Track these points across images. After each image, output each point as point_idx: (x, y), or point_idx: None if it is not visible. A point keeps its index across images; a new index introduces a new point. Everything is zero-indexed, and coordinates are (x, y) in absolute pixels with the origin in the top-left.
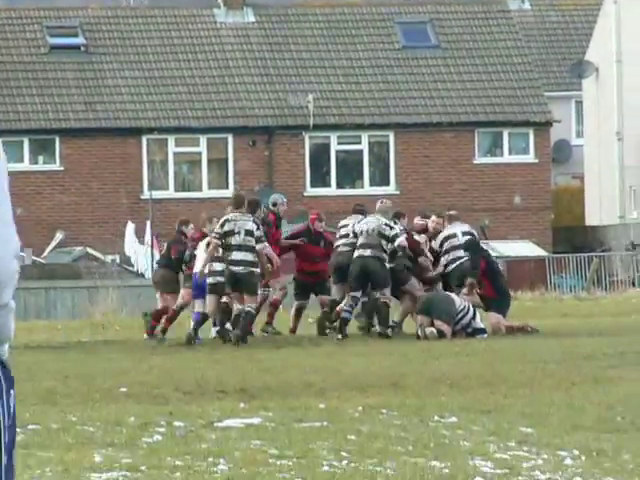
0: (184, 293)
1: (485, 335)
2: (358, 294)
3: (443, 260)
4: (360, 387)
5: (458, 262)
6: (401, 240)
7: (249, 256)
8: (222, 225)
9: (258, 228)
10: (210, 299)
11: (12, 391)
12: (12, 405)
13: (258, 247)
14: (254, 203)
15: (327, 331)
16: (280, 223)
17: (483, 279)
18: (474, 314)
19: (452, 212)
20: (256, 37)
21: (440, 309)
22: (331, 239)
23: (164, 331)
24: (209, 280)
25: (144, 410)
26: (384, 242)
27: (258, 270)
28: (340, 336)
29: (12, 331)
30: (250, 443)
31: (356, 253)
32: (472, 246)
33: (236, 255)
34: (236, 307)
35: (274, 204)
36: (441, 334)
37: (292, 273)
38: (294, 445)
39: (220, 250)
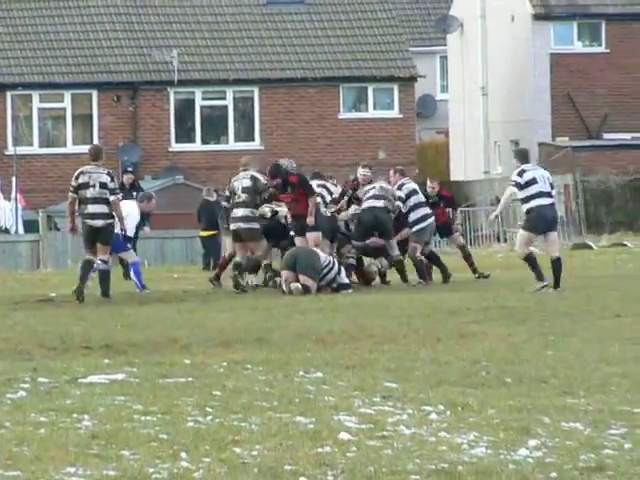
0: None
1: (350, 290)
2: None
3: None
4: (225, 342)
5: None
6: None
7: (105, 208)
8: (76, 178)
9: (112, 180)
10: (235, 246)
11: None
12: None
13: (112, 199)
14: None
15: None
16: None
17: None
18: (339, 269)
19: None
20: None
21: (305, 264)
22: None
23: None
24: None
25: (8, 366)
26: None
27: (113, 222)
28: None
29: None
30: (114, 399)
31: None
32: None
33: (92, 208)
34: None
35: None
36: (306, 289)
37: None
38: (159, 401)
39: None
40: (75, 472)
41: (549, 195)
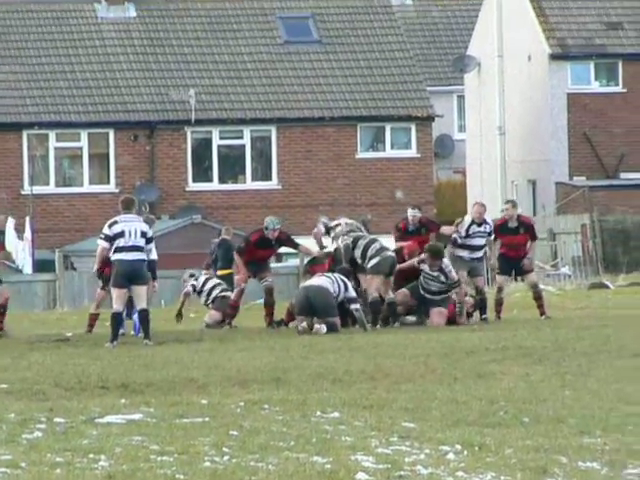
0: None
1: (358, 305)
2: None
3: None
4: (242, 382)
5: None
6: None
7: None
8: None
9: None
10: None
11: None
12: None
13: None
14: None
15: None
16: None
17: None
18: (345, 285)
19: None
20: (137, 32)
21: (322, 307)
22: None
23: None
24: None
25: (24, 406)
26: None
27: None
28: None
29: None
30: (131, 439)
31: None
32: None
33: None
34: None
35: (266, 227)
36: (333, 328)
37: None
38: (175, 441)
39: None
40: None
41: (136, 249)
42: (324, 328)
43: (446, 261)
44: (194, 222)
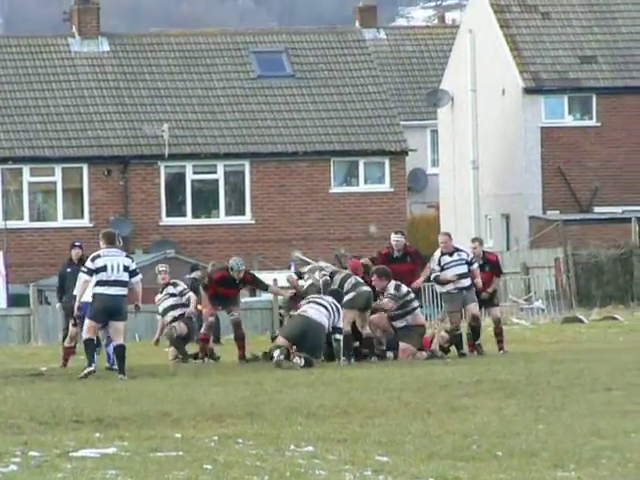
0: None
1: (340, 336)
2: None
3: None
4: (216, 416)
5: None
6: None
7: None
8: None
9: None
10: None
11: None
12: None
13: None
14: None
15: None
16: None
17: None
18: (338, 314)
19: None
20: (111, 66)
21: (311, 345)
22: None
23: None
24: None
25: None
26: None
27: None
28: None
29: None
30: (106, 473)
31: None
32: None
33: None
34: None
35: (231, 268)
36: (309, 364)
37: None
38: (150, 475)
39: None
40: None
41: (118, 284)
42: (302, 362)
43: (393, 282)
44: (167, 256)
